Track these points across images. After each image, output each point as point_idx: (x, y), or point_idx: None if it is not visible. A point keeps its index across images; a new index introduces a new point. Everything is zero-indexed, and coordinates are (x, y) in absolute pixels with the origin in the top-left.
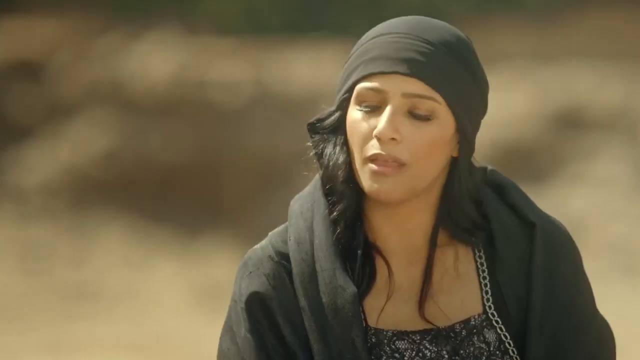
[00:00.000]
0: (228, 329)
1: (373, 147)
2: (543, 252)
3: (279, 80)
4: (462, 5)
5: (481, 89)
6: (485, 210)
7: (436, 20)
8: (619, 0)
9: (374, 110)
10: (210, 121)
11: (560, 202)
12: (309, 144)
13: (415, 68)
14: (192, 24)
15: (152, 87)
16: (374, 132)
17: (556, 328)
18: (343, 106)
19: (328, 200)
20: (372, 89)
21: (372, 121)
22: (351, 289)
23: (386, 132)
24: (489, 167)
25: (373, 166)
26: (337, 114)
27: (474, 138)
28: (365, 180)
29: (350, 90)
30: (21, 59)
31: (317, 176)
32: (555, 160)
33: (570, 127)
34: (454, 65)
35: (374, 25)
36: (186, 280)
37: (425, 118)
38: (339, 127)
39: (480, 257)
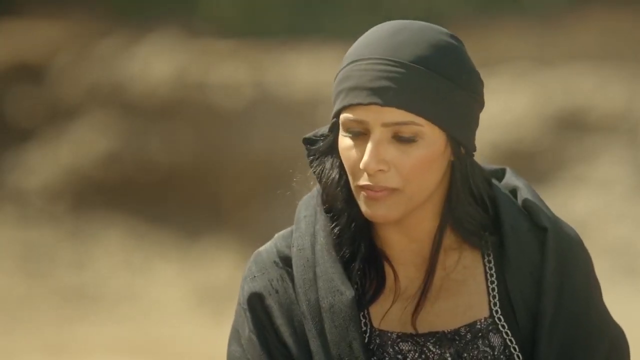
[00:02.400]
0: (234, 332)
1: (363, 178)
2: (555, 259)
3: (280, 83)
4: (463, 7)
5: (468, 89)
6: (498, 212)
7: (415, 29)
8: (621, 2)
9: (360, 136)
10: (211, 124)
11: (561, 204)
12: (310, 168)
13: (391, 97)
14: (193, 26)
15: (152, 89)
16: (360, 165)
17: (567, 336)
18: (335, 129)
19: (330, 213)
20: (353, 119)
21: (360, 149)
22: (349, 292)
23: (371, 166)
24: (508, 169)
25: (364, 193)
26: (330, 137)
27: (472, 137)
28: (361, 204)
29: (337, 115)
30: (22, 61)
31: None
32: (557, 163)
33: (572, 129)
34: (432, 80)
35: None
36: (187, 282)
37: (411, 141)
38: (333, 149)
39: (489, 262)
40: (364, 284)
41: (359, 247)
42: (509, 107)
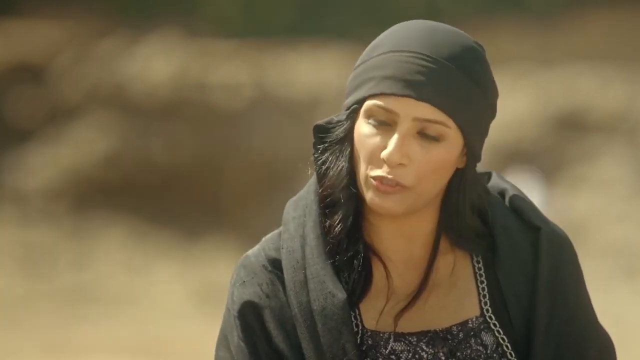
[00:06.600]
0: (223, 337)
1: (379, 169)
2: (548, 258)
3: (280, 83)
4: (464, 8)
5: (490, 99)
6: (488, 214)
7: (448, 29)
8: (621, 3)
9: (383, 125)
10: (211, 124)
11: (562, 204)
12: (314, 155)
13: (427, 93)
14: (193, 27)
15: (153, 90)
16: (382, 155)
17: (561, 334)
18: (351, 117)
19: (325, 208)
20: (383, 107)
21: (381, 138)
22: (340, 295)
23: (395, 158)
24: (493, 172)
25: (376, 184)
26: (346, 124)
27: (482, 147)
28: (368, 193)
29: (360, 102)
30: (23, 61)
31: (312, 179)
32: (557, 163)
33: (572, 129)
34: (465, 84)
35: (374, 29)
36: (187, 283)
37: (434, 140)
38: (346, 137)
39: (477, 262)
40: (353, 283)
41: (350, 244)
42: (509, 108)
